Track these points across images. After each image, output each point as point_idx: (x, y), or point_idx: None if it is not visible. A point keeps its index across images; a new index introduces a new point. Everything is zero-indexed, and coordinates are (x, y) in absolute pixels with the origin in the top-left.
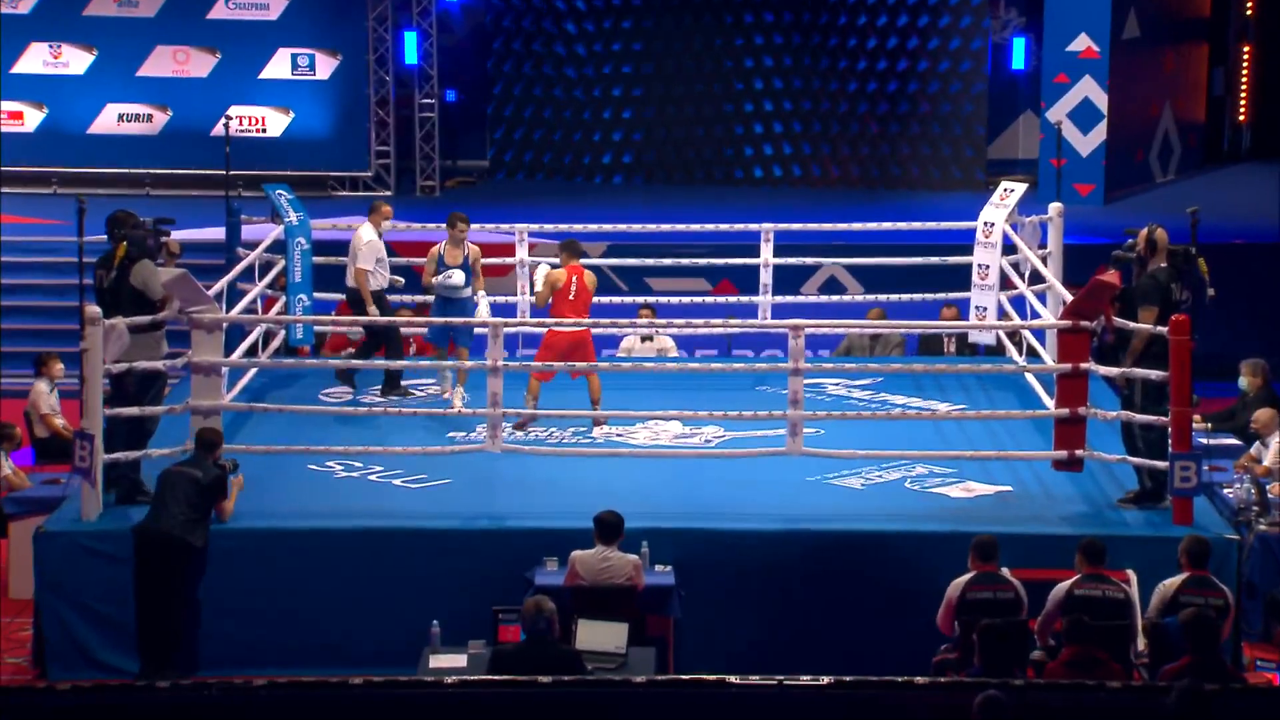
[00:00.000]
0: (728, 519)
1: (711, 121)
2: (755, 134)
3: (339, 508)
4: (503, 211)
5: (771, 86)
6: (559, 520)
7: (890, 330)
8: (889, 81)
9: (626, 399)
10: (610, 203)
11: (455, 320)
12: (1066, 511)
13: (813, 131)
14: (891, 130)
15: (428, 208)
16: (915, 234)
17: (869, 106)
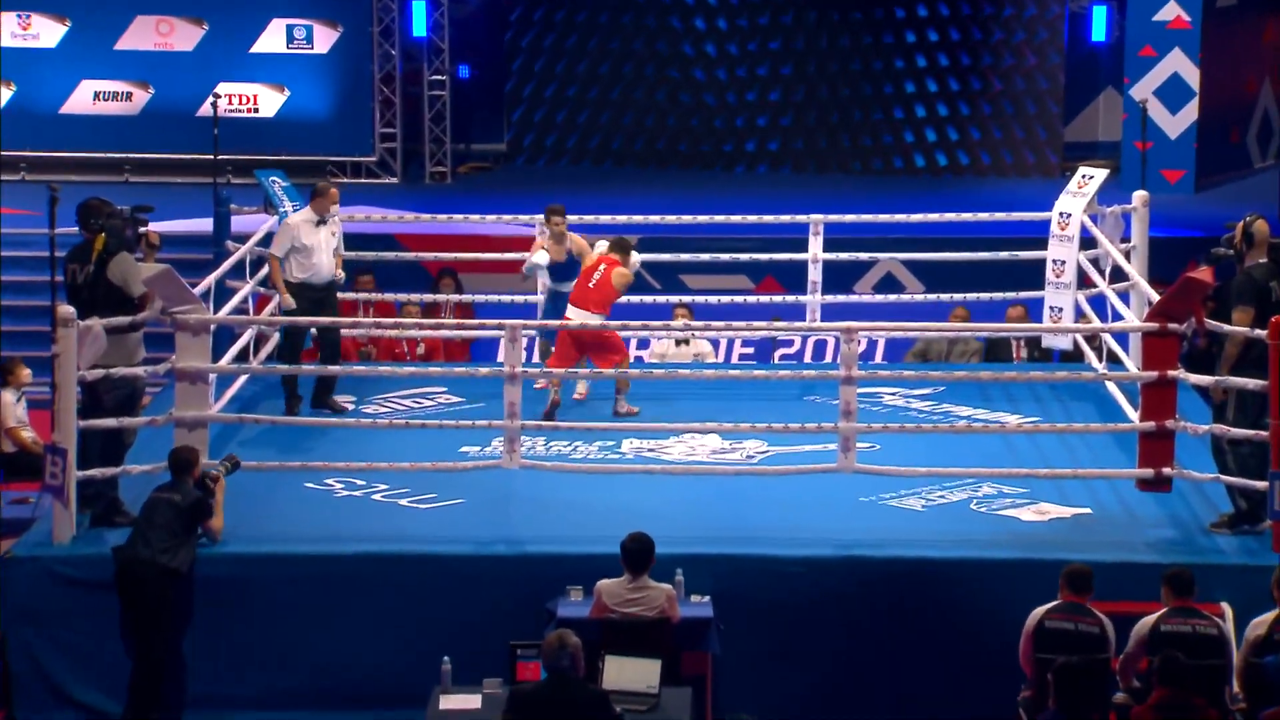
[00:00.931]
0: (772, 544)
1: (755, 101)
2: (804, 115)
3: (339, 530)
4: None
5: (823, 62)
6: (584, 545)
7: (970, 334)
8: (954, 55)
9: (659, 409)
10: (642, 191)
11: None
12: (1152, 537)
13: (868, 112)
14: (956, 110)
15: (438, 196)
16: (982, 226)
17: (931, 83)
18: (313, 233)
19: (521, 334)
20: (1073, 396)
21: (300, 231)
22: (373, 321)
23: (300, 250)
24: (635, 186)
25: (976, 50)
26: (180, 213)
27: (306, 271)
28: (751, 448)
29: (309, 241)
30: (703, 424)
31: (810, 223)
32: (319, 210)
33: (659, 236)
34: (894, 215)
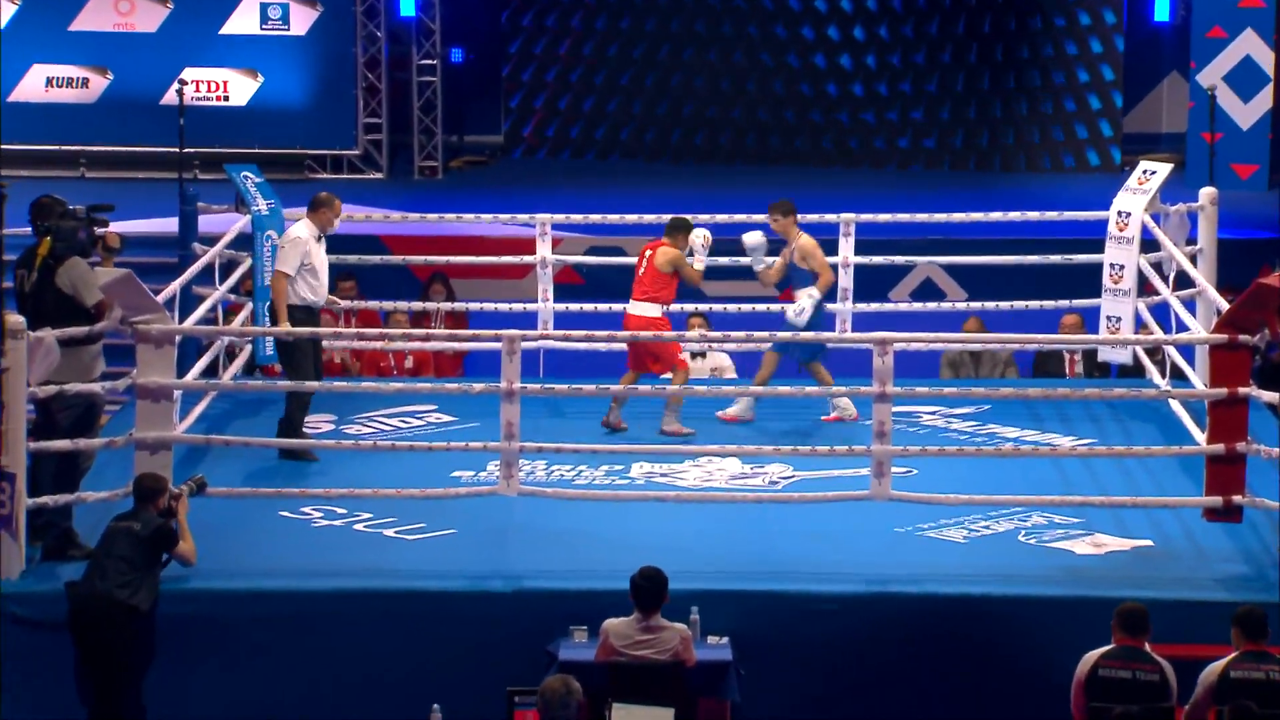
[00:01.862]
0: (798, 579)
1: (779, 89)
2: (832, 102)
3: (317, 564)
4: (521, 198)
5: (853, 43)
6: (588, 580)
7: (999, 345)
8: (1001, 37)
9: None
10: (654, 188)
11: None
12: (1221, 572)
13: (905, 99)
14: (1004, 97)
15: (428, 193)
16: (1032, 226)
17: (976, 67)
18: (318, 249)
19: (520, 346)
20: (1132, 416)
21: (310, 247)
22: (355, 332)
23: (308, 269)
24: (647, 182)
25: (1026, 33)
26: (142, 211)
27: (314, 294)
28: (775, 472)
29: (317, 260)
30: (721, 446)
31: (840, 222)
32: (322, 224)
33: None
34: (934, 214)
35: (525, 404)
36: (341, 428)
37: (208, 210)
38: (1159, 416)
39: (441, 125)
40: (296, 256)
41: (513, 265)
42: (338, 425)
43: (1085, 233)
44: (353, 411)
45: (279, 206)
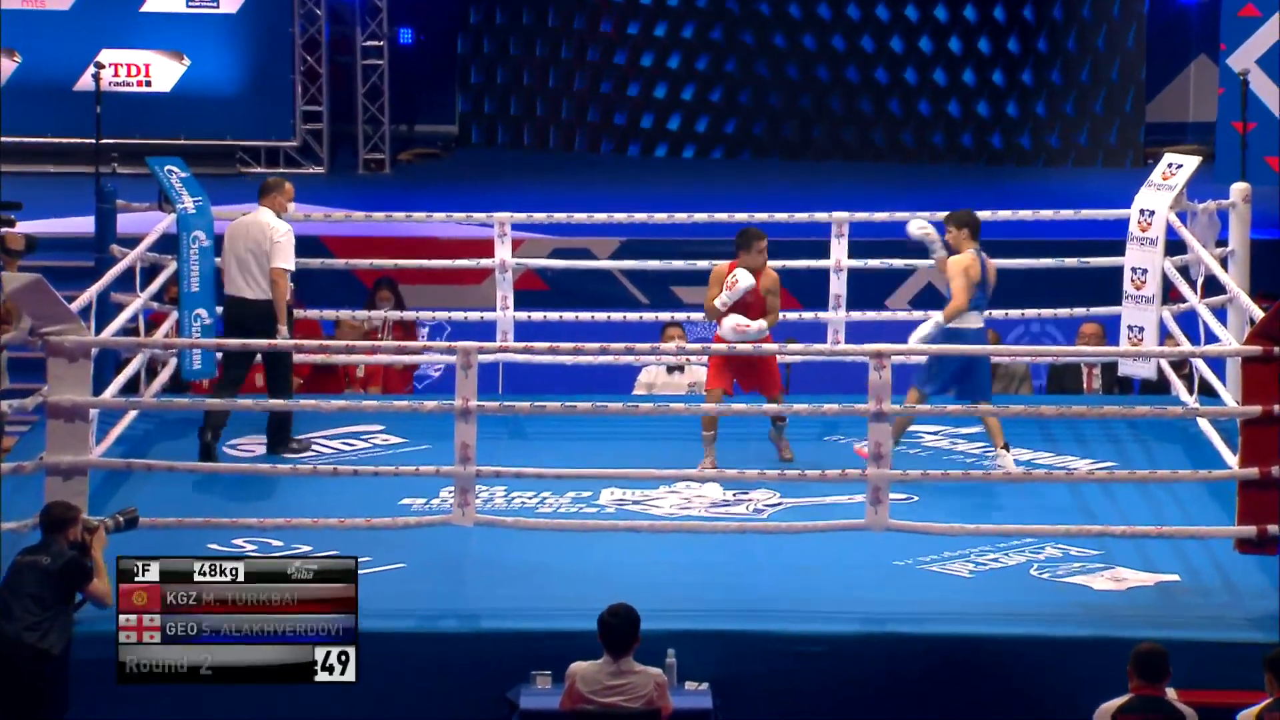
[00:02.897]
0: (786, 618)
1: (763, 72)
2: (823, 89)
3: None
4: (478, 195)
5: (848, 24)
6: (553, 620)
7: (1012, 360)
8: (1013, 17)
9: (646, 451)
10: (626, 184)
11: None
12: (1254, 610)
13: (904, 86)
14: (1014, 84)
15: (374, 190)
16: (1044, 226)
17: (985, 52)
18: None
19: (477, 359)
20: (1157, 437)
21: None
22: (292, 344)
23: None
24: (618, 178)
25: (1039, 12)
26: (54, 210)
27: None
28: (760, 499)
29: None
30: (700, 470)
31: (833, 222)
32: (280, 210)
33: (646, 239)
34: (936, 213)
35: (482, 424)
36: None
37: (127, 209)
38: (1186, 437)
39: (389, 114)
40: (291, 249)
41: (468, 270)
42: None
43: (1104, 233)
44: (291, 432)
45: (207, 204)
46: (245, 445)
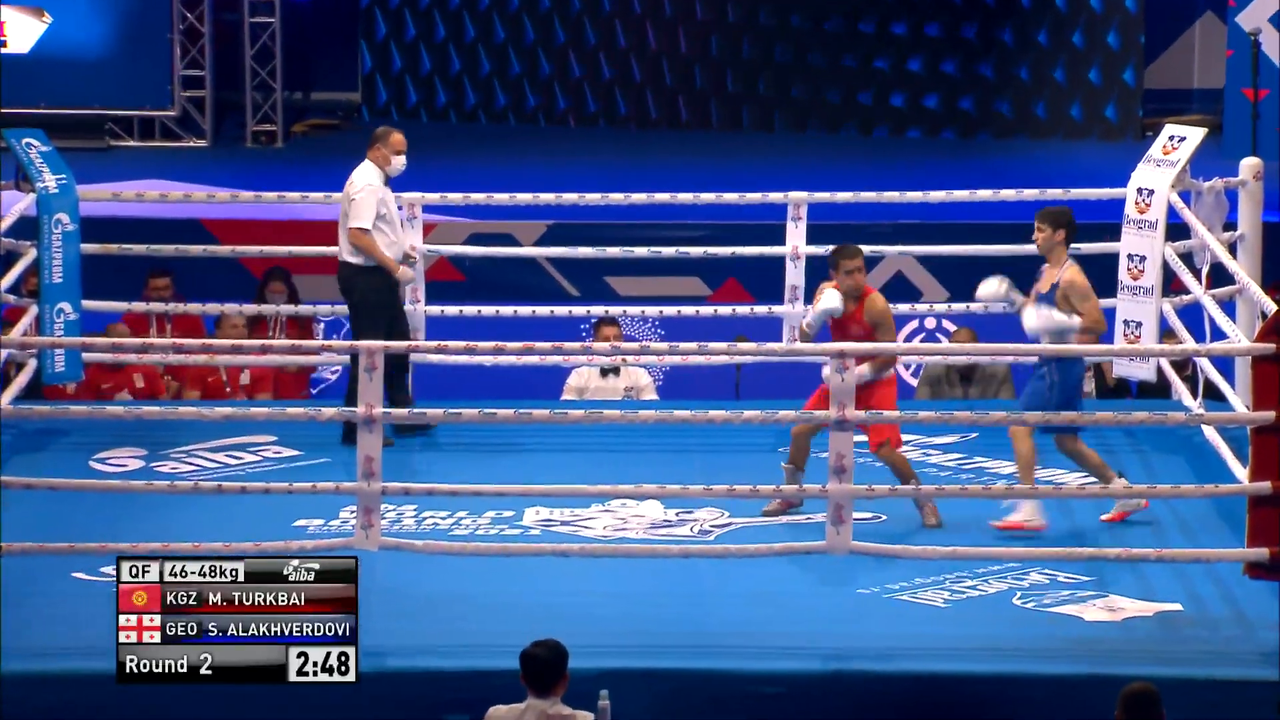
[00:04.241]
0: (736, 655)
1: (708, 36)
2: (776, 55)
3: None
4: None
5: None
6: (469, 658)
7: (992, 360)
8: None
9: (577, 465)
10: (555, 159)
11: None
12: (1266, 644)
13: (868, 49)
14: (994, 47)
15: (265, 166)
16: (1029, 207)
17: (962, 11)
18: (390, 197)
19: (382, 360)
20: (1156, 446)
21: (386, 195)
22: (170, 343)
23: (384, 220)
24: (546, 152)
25: None
26: None
27: (389, 248)
28: (706, 519)
29: (390, 208)
30: (638, 486)
31: (789, 203)
32: (380, 164)
33: (577, 222)
34: (906, 193)
35: (390, 433)
36: (153, 465)
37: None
38: (1189, 447)
39: (281, 79)
40: (373, 207)
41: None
42: (147, 462)
43: (1097, 215)
44: (167, 445)
45: (72, 183)
46: (117, 459)
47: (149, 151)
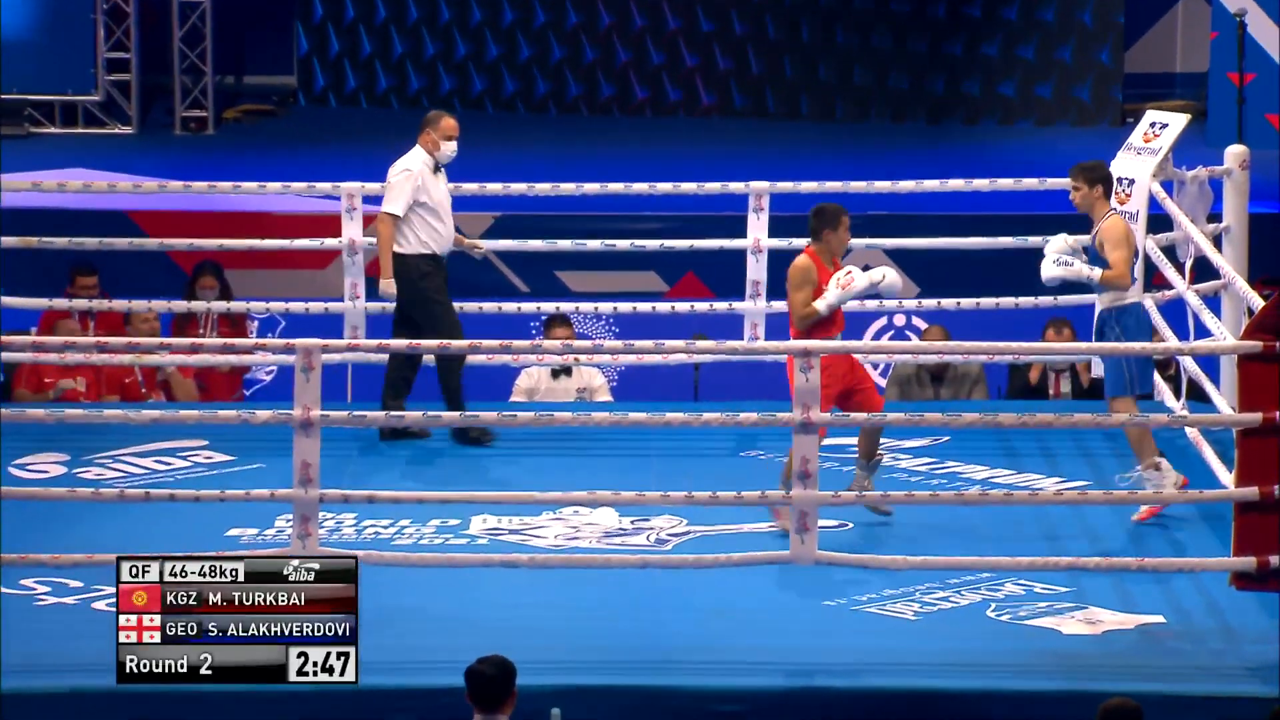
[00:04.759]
0: (695, 671)
1: (665, 18)
2: (734, 37)
3: (41, 655)
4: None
5: None
6: (412, 674)
7: (966, 359)
8: None
9: (526, 471)
10: (503, 147)
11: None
12: (1254, 658)
13: (833, 34)
14: (964, 23)
15: (195, 154)
16: (1004, 198)
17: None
18: (435, 183)
19: (321, 359)
20: None
21: (425, 180)
22: (94, 342)
23: (425, 208)
24: (492, 139)
25: None
26: None
27: (435, 238)
28: (663, 528)
29: (435, 195)
30: (591, 492)
31: (750, 194)
32: (433, 149)
33: (525, 214)
34: (874, 182)
35: (327, 437)
36: (75, 471)
37: None
38: (1173, 450)
39: (212, 62)
40: (407, 193)
41: (310, 252)
42: (70, 468)
43: (1073, 207)
44: (91, 450)
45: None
46: (38, 465)
47: (71, 139)
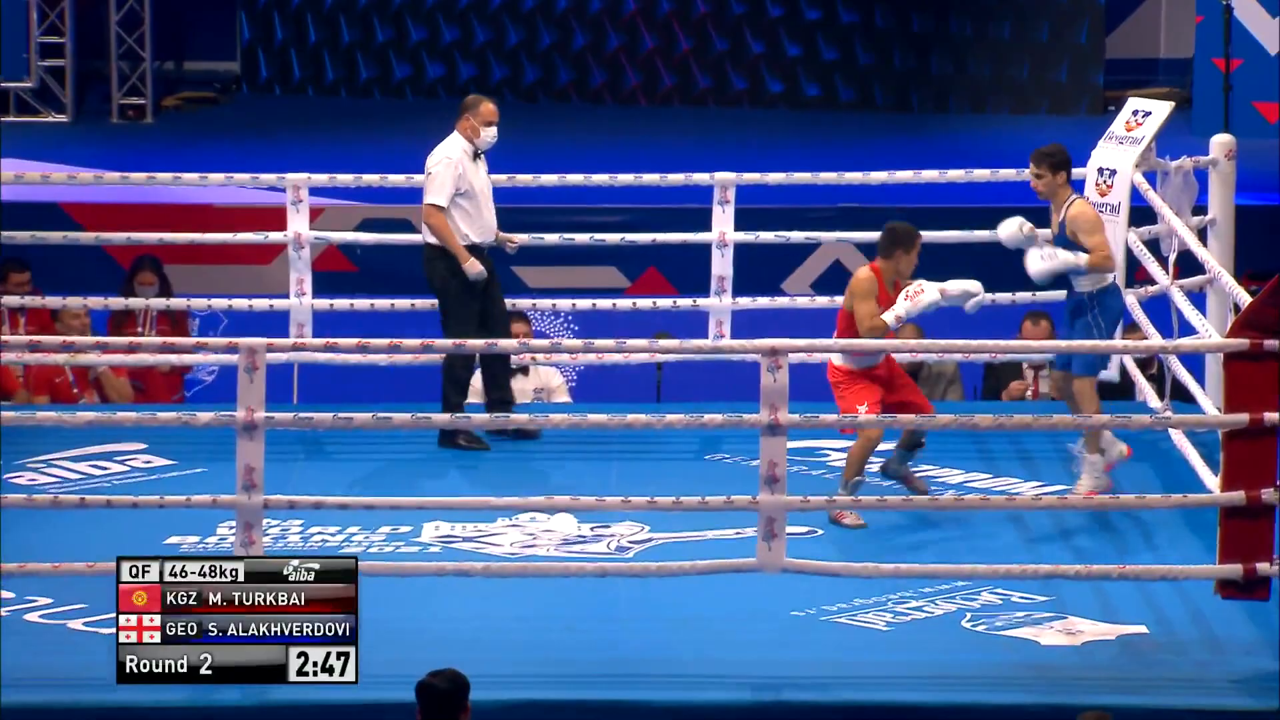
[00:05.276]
0: (657, 684)
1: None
2: (697, 21)
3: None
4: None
5: None
6: (361, 689)
7: (940, 359)
8: None
9: (480, 475)
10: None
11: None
12: (1240, 670)
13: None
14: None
15: (133, 144)
16: (979, 190)
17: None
18: (475, 171)
19: (266, 359)
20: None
21: (466, 168)
22: (27, 340)
23: (466, 197)
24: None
25: None
26: None
27: (474, 228)
28: (624, 534)
29: (476, 183)
30: (549, 498)
31: (715, 184)
32: (469, 136)
33: None
34: (844, 174)
35: (272, 440)
36: (7, 477)
37: None
38: (1156, 453)
39: (151, 48)
40: (450, 182)
41: (254, 246)
42: (0, 473)
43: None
44: (24, 454)
45: None
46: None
47: (3, 128)
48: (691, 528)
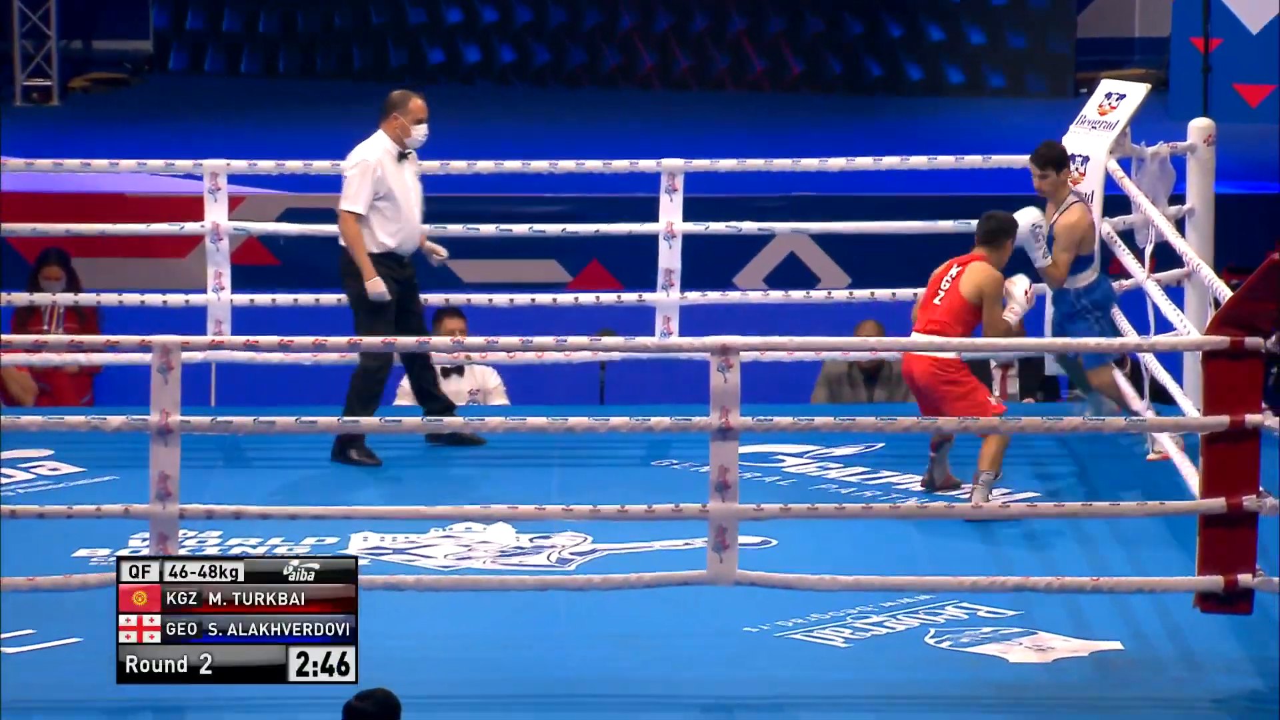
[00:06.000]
0: (601, 705)
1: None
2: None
3: None
4: (180, 136)
5: None
6: (285, 711)
7: (896, 354)
8: None
9: (412, 482)
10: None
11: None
12: (1220, 689)
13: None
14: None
15: (38, 128)
16: (944, 178)
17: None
18: (397, 173)
19: (181, 358)
20: (1092, 456)
21: (385, 170)
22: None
23: (388, 199)
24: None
25: None
26: None
27: (394, 235)
28: (566, 545)
29: (398, 187)
30: (485, 506)
31: (662, 171)
32: (401, 134)
33: None
34: (800, 160)
35: (188, 446)
36: None
37: None
38: (1131, 457)
39: (58, 26)
40: (367, 188)
41: (168, 238)
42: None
43: (1021, 187)
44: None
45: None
46: None
47: None
48: (637, 538)
